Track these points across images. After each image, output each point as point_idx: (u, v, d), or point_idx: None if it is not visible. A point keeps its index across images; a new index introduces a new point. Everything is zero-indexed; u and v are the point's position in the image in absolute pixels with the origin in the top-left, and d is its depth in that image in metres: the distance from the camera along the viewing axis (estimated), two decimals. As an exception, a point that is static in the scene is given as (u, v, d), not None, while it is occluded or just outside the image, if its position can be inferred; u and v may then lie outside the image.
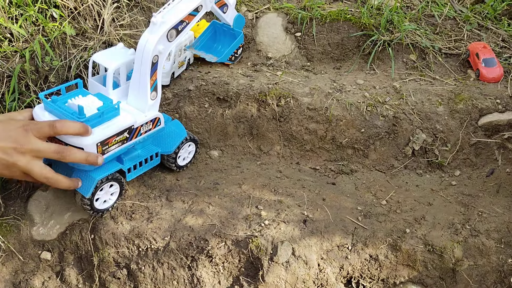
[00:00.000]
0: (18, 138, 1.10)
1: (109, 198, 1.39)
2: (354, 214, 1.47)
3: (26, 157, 1.11)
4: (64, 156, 1.14)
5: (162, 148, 1.48)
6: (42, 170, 1.16)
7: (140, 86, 1.33)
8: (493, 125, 1.68)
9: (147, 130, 1.36)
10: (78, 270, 1.44)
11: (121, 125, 1.26)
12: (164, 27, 1.31)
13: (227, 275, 1.39)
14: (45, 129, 1.13)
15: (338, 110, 1.71)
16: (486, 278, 1.38)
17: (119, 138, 1.26)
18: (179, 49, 1.75)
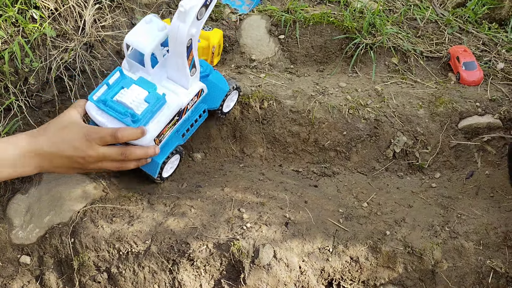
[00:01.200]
0: (83, 150, 1.21)
1: (172, 166, 1.52)
2: (336, 217, 1.48)
3: (94, 163, 1.26)
4: (127, 156, 1.28)
5: (209, 105, 1.53)
6: (112, 164, 1.30)
7: (178, 67, 1.35)
8: (473, 128, 1.70)
9: (193, 103, 1.43)
10: (58, 274, 1.43)
11: (171, 113, 1.33)
12: (193, 11, 1.26)
13: (209, 278, 1.39)
14: (107, 139, 1.23)
15: (320, 113, 1.72)
16: (465, 280, 1.40)
17: (171, 123, 1.36)
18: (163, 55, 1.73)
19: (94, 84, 1.73)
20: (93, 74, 1.74)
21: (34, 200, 1.47)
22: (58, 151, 1.17)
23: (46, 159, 1.16)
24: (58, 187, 1.49)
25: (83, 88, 1.72)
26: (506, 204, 1.52)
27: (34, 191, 1.49)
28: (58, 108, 1.71)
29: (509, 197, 1.54)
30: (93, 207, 1.45)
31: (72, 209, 1.44)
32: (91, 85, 1.73)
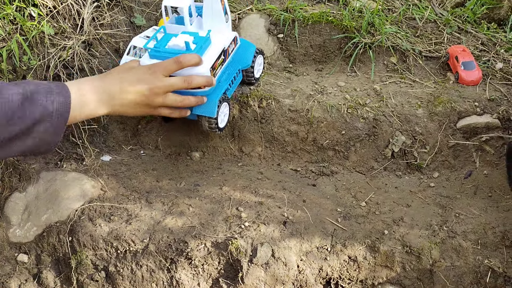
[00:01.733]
0: (150, 80, 1.24)
1: (223, 118, 1.58)
2: (334, 216, 1.48)
3: (160, 95, 1.27)
4: (190, 82, 1.32)
5: (242, 64, 1.63)
6: (175, 98, 1.33)
7: (213, 14, 1.46)
8: (472, 128, 1.70)
9: (232, 49, 1.54)
10: (55, 272, 1.42)
11: (218, 49, 1.44)
12: None
13: (207, 277, 1.39)
14: (171, 66, 1.28)
15: (319, 112, 1.72)
16: (463, 279, 1.40)
17: (219, 61, 1.45)
18: None
19: (92, 82, 1.73)
20: (91, 73, 1.73)
21: (31, 198, 1.47)
22: (127, 86, 1.20)
23: (116, 97, 1.18)
24: (56, 185, 1.49)
25: (82, 87, 1.72)
26: (504, 203, 1.52)
27: (32, 189, 1.49)
28: (56, 106, 1.71)
29: (507, 196, 1.54)
30: (91, 205, 1.45)
31: (70, 208, 1.44)
32: (90, 83, 1.72)
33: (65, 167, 1.58)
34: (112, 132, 1.72)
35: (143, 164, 1.66)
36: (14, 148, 0.96)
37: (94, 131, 1.71)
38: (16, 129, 0.93)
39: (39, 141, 0.97)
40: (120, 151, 1.71)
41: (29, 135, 0.96)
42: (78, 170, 1.56)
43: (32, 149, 0.99)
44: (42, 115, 0.98)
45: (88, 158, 1.61)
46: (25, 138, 0.95)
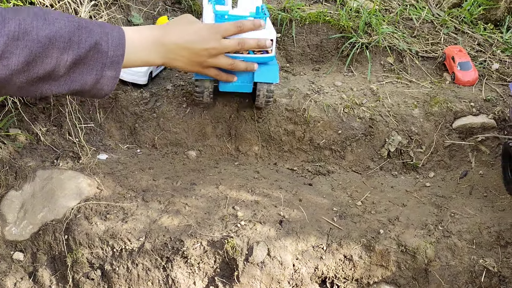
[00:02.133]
0: (208, 40, 1.27)
1: None
2: (330, 215, 1.49)
3: (214, 56, 1.30)
4: (243, 45, 1.35)
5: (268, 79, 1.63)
6: (227, 60, 1.37)
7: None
8: (467, 128, 1.71)
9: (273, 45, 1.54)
10: (51, 271, 1.42)
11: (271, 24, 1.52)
12: None
13: (203, 275, 1.39)
14: (231, 29, 1.31)
15: (316, 112, 1.72)
16: (458, 279, 1.41)
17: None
18: None
19: (89, 81, 1.73)
20: (88, 71, 1.73)
21: (28, 197, 1.47)
22: (184, 42, 1.21)
23: (172, 50, 1.20)
24: (52, 183, 1.48)
25: (78, 85, 1.72)
26: (499, 203, 1.53)
27: (28, 188, 1.49)
28: (53, 105, 1.71)
29: (502, 196, 1.55)
30: (87, 204, 1.45)
31: (66, 206, 1.44)
32: (86, 82, 1.72)
33: (62, 165, 1.58)
34: (108, 131, 1.72)
35: (139, 162, 1.66)
36: (75, 78, 0.90)
37: (90, 129, 1.71)
38: (74, 55, 0.89)
39: (96, 75, 0.92)
40: (117, 150, 1.71)
41: (86, 63, 0.91)
42: (74, 169, 1.56)
43: (90, 85, 0.94)
44: (98, 44, 0.93)
45: (85, 157, 1.61)
46: (83, 69, 0.91)
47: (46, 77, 0.87)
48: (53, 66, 0.86)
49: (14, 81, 0.83)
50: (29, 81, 0.85)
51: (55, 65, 0.86)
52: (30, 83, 0.85)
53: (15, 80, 0.83)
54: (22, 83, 0.85)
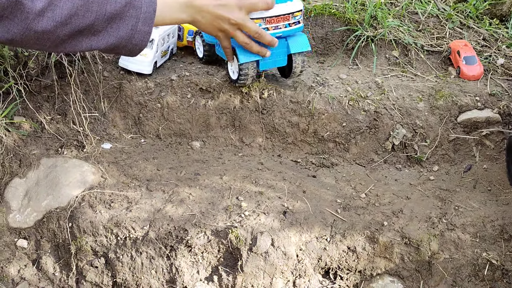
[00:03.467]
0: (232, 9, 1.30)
1: None
2: (334, 207, 1.49)
3: (234, 26, 1.33)
4: (260, 34, 1.38)
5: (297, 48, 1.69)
6: (254, 26, 1.37)
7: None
8: (472, 122, 1.70)
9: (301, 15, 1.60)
10: (55, 258, 1.43)
11: None
12: None
13: (206, 265, 1.39)
14: (258, 5, 1.35)
15: (320, 104, 1.72)
16: (461, 271, 1.41)
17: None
18: (162, 38, 1.73)
19: (94, 70, 1.72)
20: (93, 60, 1.73)
21: (32, 184, 1.47)
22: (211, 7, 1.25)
23: (200, 12, 1.24)
24: (56, 171, 1.48)
25: (83, 74, 1.71)
26: (503, 197, 1.53)
27: (32, 175, 1.49)
28: (57, 93, 1.71)
29: (506, 191, 1.55)
30: (91, 192, 1.45)
31: (71, 194, 1.44)
32: (91, 70, 1.72)
33: (66, 153, 1.58)
34: (113, 120, 1.72)
35: (143, 152, 1.66)
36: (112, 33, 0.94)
37: (95, 118, 1.71)
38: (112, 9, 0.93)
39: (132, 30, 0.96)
40: (121, 139, 1.71)
41: (122, 18, 0.95)
42: (78, 157, 1.56)
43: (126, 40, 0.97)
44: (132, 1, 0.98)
45: (89, 146, 1.61)
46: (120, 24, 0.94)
47: (86, 31, 0.91)
48: (93, 19, 0.90)
49: (58, 34, 0.88)
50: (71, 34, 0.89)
51: (95, 19, 0.90)
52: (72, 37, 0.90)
53: (59, 33, 0.87)
54: (65, 36, 0.89)
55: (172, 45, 1.81)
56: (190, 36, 1.84)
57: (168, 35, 1.77)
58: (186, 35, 1.85)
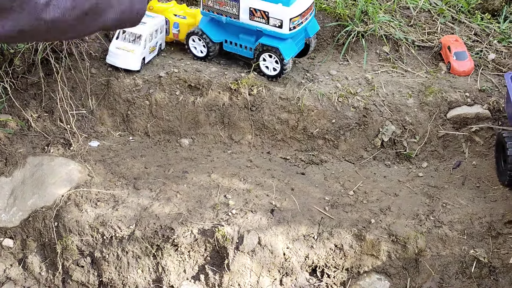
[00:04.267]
0: None
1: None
2: (322, 204, 1.48)
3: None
4: None
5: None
6: None
7: None
8: (462, 118, 1.70)
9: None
10: (41, 257, 1.42)
11: None
12: None
13: (193, 263, 1.39)
14: None
15: (310, 101, 1.71)
16: (448, 269, 1.41)
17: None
18: (150, 34, 1.72)
19: (81, 67, 1.71)
20: (80, 57, 1.71)
21: (18, 183, 1.46)
22: None
23: None
24: (43, 170, 1.48)
25: (70, 71, 1.70)
26: (491, 194, 1.52)
27: (18, 174, 1.48)
28: (44, 91, 1.69)
29: (495, 187, 1.55)
30: (77, 191, 1.44)
31: (56, 193, 1.43)
32: (78, 67, 1.71)
33: (52, 152, 1.57)
34: (100, 118, 1.71)
35: (131, 150, 1.65)
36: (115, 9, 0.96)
37: (82, 116, 1.70)
38: None
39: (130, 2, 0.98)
40: (109, 137, 1.69)
41: None
42: (65, 155, 1.55)
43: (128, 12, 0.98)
44: None
45: (76, 144, 1.60)
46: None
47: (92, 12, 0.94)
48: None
49: (66, 20, 0.90)
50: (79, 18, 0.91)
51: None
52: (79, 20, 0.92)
53: (67, 18, 0.90)
54: (73, 21, 0.92)
55: (160, 40, 1.79)
56: (175, 29, 1.82)
57: (156, 31, 1.75)
58: (172, 27, 1.82)
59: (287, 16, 1.61)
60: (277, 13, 1.61)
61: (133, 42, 1.69)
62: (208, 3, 1.67)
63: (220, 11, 1.67)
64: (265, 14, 1.62)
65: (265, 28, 1.65)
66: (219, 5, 1.66)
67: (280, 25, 1.63)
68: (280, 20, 1.62)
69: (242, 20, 1.66)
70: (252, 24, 1.65)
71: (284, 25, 1.62)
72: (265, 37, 1.67)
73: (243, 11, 1.64)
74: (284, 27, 1.63)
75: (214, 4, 1.66)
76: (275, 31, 1.64)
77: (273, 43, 1.65)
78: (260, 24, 1.65)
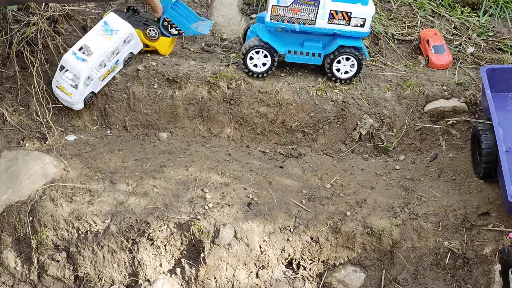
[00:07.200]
0: None
1: None
2: (299, 197, 1.49)
3: None
4: None
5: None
6: None
7: None
8: (439, 111, 1.71)
9: None
10: (16, 252, 1.41)
11: None
12: None
13: (169, 257, 1.39)
14: None
15: (288, 94, 1.71)
16: (423, 260, 1.42)
17: None
18: (102, 60, 1.58)
19: (57, 60, 1.69)
20: (56, 50, 1.69)
21: (-8, 178, 1.45)
22: None
23: None
24: (17, 164, 1.46)
25: (46, 64, 1.68)
26: (466, 186, 1.54)
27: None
28: (20, 84, 1.67)
29: (470, 180, 1.57)
30: (52, 185, 1.43)
31: (31, 187, 1.42)
32: (55, 61, 1.69)
33: (28, 146, 1.55)
34: (77, 112, 1.69)
35: (109, 144, 1.64)
36: None
37: (59, 110, 1.68)
38: None
39: None
40: (86, 131, 1.68)
41: None
42: (40, 150, 1.53)
43: None
44: None
45: (52, 138, 1.59)
46: None
47: None
48: None
49: None
50: None
51: None
52: None
53: None
54: None
55: (129, 50, 1.67)
56: None
57: (125, 41, 1.63)
58: None
59: (370, 14, 1.60)
60: (360, 12, 1.59)
61: (72, 80, 1.55)
62: (279, 12, 1.60)
63: (292, 19, 1.61)
64: (347, 15, 1.60)
65: (345, 29, 1.62)
66: (292, 13, 1.60)
67: (362, 24, 1.61)
68: (364, 18, 1.60)
69: (318, 25, 1.62)
70: (331, 28, 1.62)
71: (367, 23, 1.61)
72: (343, 39, 1.64)
73: (321, 15, 1.60)
74: (366, 25, 1.61)
75: (286, 12, 1.60)
76: (356, 31, 1.62)
77: (355, 43, 1.63)
78: (340, 27, 1.62)
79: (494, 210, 1.45)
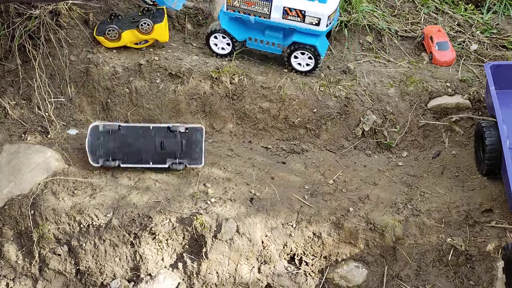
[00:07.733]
0: None
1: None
2: (301, 193, 1.48)
3: None
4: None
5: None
6: None
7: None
8: (442, 108, 1.70)
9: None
10: (17, 246, 1.41)
11: None
12: None
13: (171, 252, 1.38)
14: None
15: (291, 90, 1.70)
16: (426, 257, 1.42)
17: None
18: None
19: (60, 54, 1.68)
20: (58, 44, 1.69)
21: (-7, 171, 1.44)
22: None
23: None
24: (19, 158, 1.46)
25: (48, 58, 1.67)
26: (469, 183, 1.54)
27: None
28: (22, 78, 1.66)
29: (473, 176, 1.56)
30: (54, 179, 1.43)
31: (33, 181, 1.42)
32: (57, 54, 1.68)
33: (29, 139, 1.55)
34: (79, 106, 1.69)
35: (111, 138, 1.63)
36: None
37: (61, 104, 1.67)
38: None
39: None
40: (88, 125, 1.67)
41: None
42: (42, 143, 1.53)
43: None
44: None
45: (53, 131, 1.58)
46: None
47: None
48: None
49: None
50: None
51: None
52: None
53: None
54: None
55: None
56: None
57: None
58: None
59: (326, 13, 1.59)
60: (314, 11, 1.59)
61: None
62: (234, 3, 1.62)
63: (247, 10, 1.63)
64: (301, 12, 1.59)
65: (300, 26, 1.62)
66: (246, 5, 1.61)
67: (317, 23, 1.61)
68: (318, 18, 1.59)
69: (273, 19, 1.62)
70: (285, 23, 1.62)
71: (322, 22, 1.60)
72: (298, 35, 1.63)
73: (275, 10, 1.60)
74: (321, 24, 1.61)
75: (240, 4, 1.61)
76: (312, 28, 1.61)
77: (309, 41, 1.62)
78: (295, 23, 1.61)
79: (498, 207, 1.44)
